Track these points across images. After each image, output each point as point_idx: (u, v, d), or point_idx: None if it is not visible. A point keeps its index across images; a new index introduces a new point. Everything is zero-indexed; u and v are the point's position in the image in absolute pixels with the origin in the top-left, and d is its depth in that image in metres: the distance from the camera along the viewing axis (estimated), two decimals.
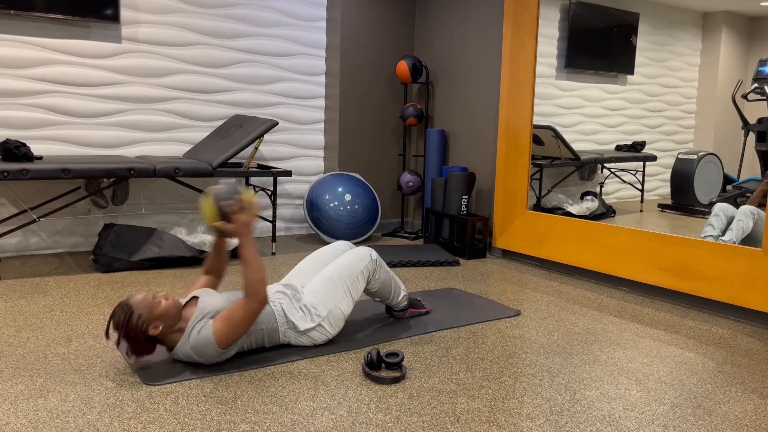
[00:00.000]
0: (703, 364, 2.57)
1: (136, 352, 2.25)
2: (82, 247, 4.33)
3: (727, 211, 3.30)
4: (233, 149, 4.06)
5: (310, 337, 2.56)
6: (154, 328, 2.22)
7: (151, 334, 2.22)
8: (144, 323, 2.20)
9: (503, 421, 2.01)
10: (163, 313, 2.24)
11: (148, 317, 2.21)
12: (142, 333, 2.21)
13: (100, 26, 4.24)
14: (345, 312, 2.61)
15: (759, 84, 3.23)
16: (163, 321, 2.24)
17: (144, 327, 2.21)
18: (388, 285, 2.81)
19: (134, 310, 2.20)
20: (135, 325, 2.19)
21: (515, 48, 4.28)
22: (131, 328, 2.19)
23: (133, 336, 2.20)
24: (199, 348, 2.27)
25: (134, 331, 2.20)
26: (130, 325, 2.19)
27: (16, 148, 3.56)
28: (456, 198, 4.55)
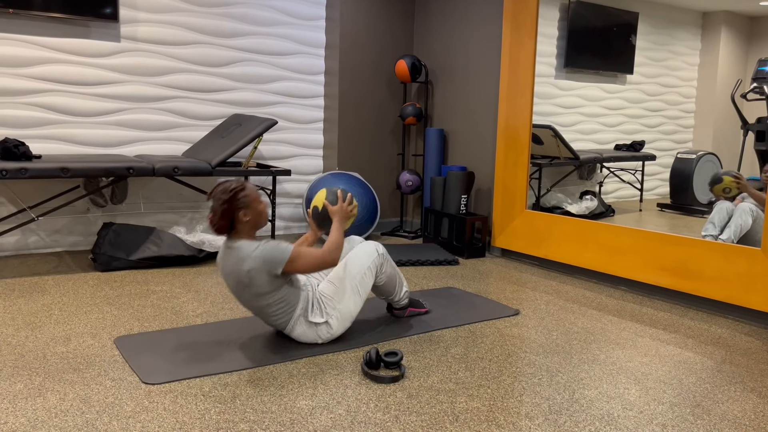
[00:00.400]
0: (702, 363, 2.58)
1: (215, 221, 2.43)
2: (80, 246, 4.33)
3: (729, 208, 3.30)
4: (232, 148, 4.06)
5: (317, 333, 2.57)
6: (244, 214, 2.44)
7: (239, 216, 2.43)
8: (243, 204, 2.43)
9: (502, 421, 2.01)
10: (260, 213, 2.49)
11: (249, 203, 2.44)
12: (235, 209, 2.42)
13: (99, 25, 4.24)
14: (354, 311, 2.64)
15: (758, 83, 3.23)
16: (254, 217, 2.46)
17: (240, 205, 2.42)
18: (394, 279, 2.85)
19: (245, 189, 2.45)
20: (236, 199, 2.42)
21: (514, 47, 4.27)
22: (232, 198, 2.41)
23: (227, 206, 2.41)
24: (271, 252, 2.41)
25: (232, 202, 2.42)
26: (234, 196, 2.41)
27: (15, 147, 3.56)
28: (455, 197, 4.55)
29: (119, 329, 2.76)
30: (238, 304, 3.18)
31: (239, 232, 2.48)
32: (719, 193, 3.14)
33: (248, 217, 2.45)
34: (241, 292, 2.49)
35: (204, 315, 3.00)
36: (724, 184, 3.07)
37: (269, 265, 2.41)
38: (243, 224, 2.46)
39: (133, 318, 2.92)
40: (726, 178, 3.09)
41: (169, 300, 3.22)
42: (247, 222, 2.46)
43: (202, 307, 3.11)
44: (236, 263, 2.43)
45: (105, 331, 2.73)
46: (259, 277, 2.42)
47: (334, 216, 2.66)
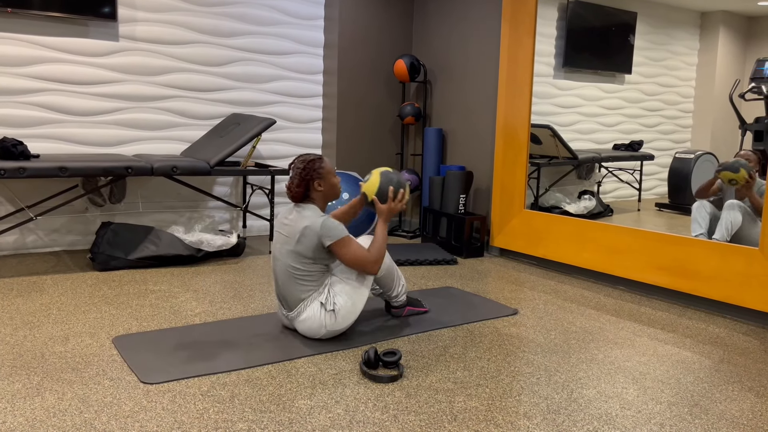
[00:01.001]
0: (700, 362, 2.58)
1: (292, 188, 2.60)
2: (79, 245, 4.33)
3: (706, 206, 3.30)
4: (231, 148, 4.05)
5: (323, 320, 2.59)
6: (319, 184, 2.62)
7: (314, 185, 2.61)
8: (318, 173, 2.61)
9: (500, 420, 2.01)
10: (333, 184, 2.66)
11: (325, 173, 2.62)
12: (311, 177, 2.60)
13: (98, 24, 4.24)
14: (359, 306, 2.66)
15: (756, 83, 3.24)
16: (327, 188, 2.63)
17: (316, 174, 2.60)
18: (392, 272, 2.89)
19: (323, 161, 2.63)
20: (314, 167, 2.60)
21: (513, 47, 4.28)
22: (311, 168, 2.60)
23: (305, 173, 2.59)
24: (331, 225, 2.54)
25: (310, 171, 2.60)
26: (313, 165, 2.61)
27: (14, 147, 3.55)
28: (454, 197, 4.56)
29: (117, 329, 2.76)
30: (237, 304, 3.18)
31: (312, 200, 2.64)
32: (725, 180, 3.11)
33: (322, 188, 2.62)
34: (286, 245, 2.59)
35: (202, 314, 3.00)
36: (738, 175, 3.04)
37: (323, 232, 2.53)
38: (317, 193, 2.63)
39: (132, 317, 2.92)
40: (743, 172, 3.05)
41: (168, 299, 3.21)
42: (320, 191, 2.63)
43: (200, 307, 3.11)
44: (298, 219, 2.59)
45: (103, 331, 2.72)
46: (310, 237, 2.54)
47: (380, 216, 2.70)
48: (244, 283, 3.55)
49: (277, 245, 2.67)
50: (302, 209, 2.62)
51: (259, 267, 3.95)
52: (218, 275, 3.72)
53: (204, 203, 4.75)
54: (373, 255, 2.61)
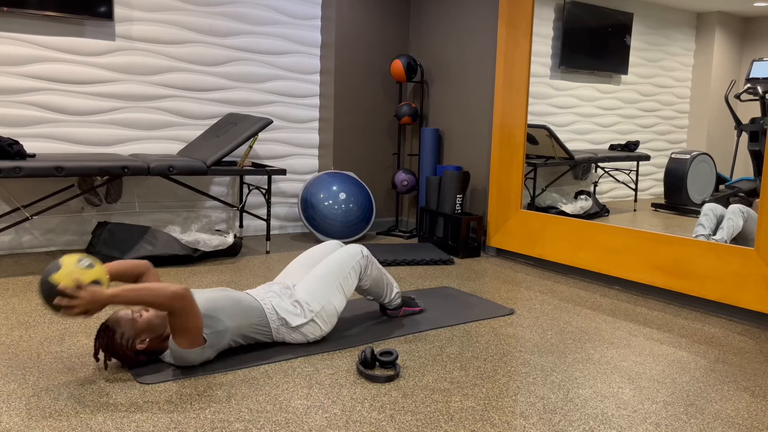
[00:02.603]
0: (696, 362, 2.59)
1: (131, 366, 2.29)
2: (75, 245, 4.32)
3: (716, 210, 3.31)
4: (227, 147, 4.05)
5: (303, 334, 2.56)
6: (141, 343, 2.23)
7: (138, 348, 2.23)
8: (129, 340, 2.21)
9: (497, 420, 2.02)
10: (146, 326, 2.24)
11: (132, 333, 2.22)
12: (129, 350, 2.23)
13: (94, 24, 4.23)
14: (338, 308, 2.62)
15: (752, 84, 3.25)
16: (148, 334, 2.25)
17: (130, 344, 2.22)
18: (380, 282, 2.83)
19: (116, 329, 2.20)
20: (121, 344, 2.21)
21: (510, 47, 4.28)
22: (117, 347, 2.21)
23: (122, 354, 2.23)
24: (179, 358, 2.26)
25: (121, 349, 2.21)
26: (116, 345, 2.20)
27: (9, 146, 3.54)
28: (450, 197, 4.56)
29: None
30: None
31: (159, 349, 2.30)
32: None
33: (146, 341, 2.23)
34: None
35: None
36: None
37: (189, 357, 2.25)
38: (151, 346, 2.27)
39: None
40: None
41: None
42: (150, 341, 2.25)
43: None
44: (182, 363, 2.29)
45: None
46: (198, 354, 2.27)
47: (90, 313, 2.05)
48: (240, 283, 3.55)
49: None
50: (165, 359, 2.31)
51: (255, 267, 3.95)
52: (215, 275, 3.71)
53: (200, 203, 4.74)
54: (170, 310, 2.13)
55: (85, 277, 2.03)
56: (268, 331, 2.51)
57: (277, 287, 2.60)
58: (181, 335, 2.22)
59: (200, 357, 2.31)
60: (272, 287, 2.60)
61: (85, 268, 2.05)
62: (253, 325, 2.46)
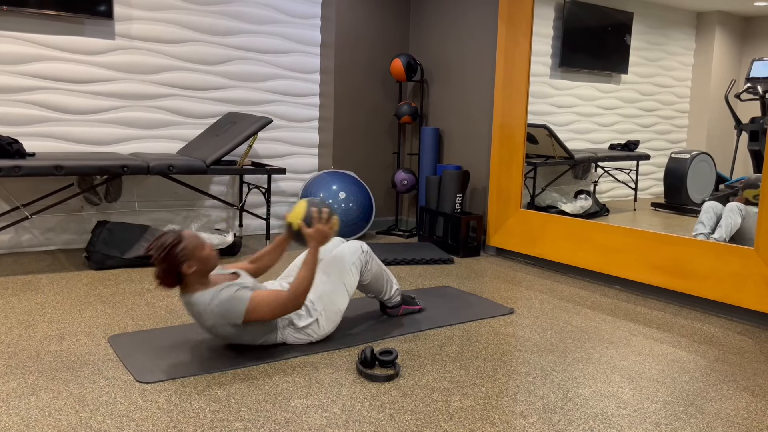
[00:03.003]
0: (695, 362, 2.59)
1: (162, 280, 2.31)
2: (74, 244, 4.32)
3: (716, 208, 3.32)
4: (227, 147, 4.05)
5: (308, 334, 2.56)
6: (188, 267, 2.29)
7: (183, 270, 2.28)
8: (183, 257, 2.27)
9: (496, 419, 2.02)
10: (204, 258, 2.32)
11: (190, 253, 2.28)
12: (177, 264, 2.28)
13: (94, 22, 4.22)
14: (341, 306, 2.62)
15: (752, 83, 3.25)
16: (199, 264, 2.31)
17: (181, 259, 2.27)
18: (380, 278, 2.83)
19: (182, 240, 2.29)
20: (175, 254, 2.27)
21: (510, 46, 4.28)
22: (171, 255, 2.27)
23: (167, 263, 2.27)
24: (227, 305, 2.31)
25: (172, 259, 2.27)
26: (171, 252, 2.27)
27: (9, 145, 3.54)
28: (450, 196, 4.56)
29: (113, 328, 2.76)
30: None
31: (189, 284, 2.35)
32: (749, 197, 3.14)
33: (194, 267, 2.30)
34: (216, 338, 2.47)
35: None
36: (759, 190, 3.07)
37: (229, 318, 2.33)
38: (190, 276, 2.32)
39: (128, 316, 2.91)
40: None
41: (164, 299, 3.21)
42: (194, 273, 2.31)
43: None
44: (198, 319, 2.36)
45: (99, 330, 2.72)
46: (223, 329, 2.37)
47: (310, 242, 2.47)
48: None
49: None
50: (192, 306, 2.35)
51: None
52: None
53: (200, 202, 4.74)
54: (292, 293, 2.37)
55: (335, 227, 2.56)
56: (274, 334, 2.52)
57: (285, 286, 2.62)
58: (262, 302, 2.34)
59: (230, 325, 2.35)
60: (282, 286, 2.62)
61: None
62: (263, 326, 2.47)
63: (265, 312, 2.36)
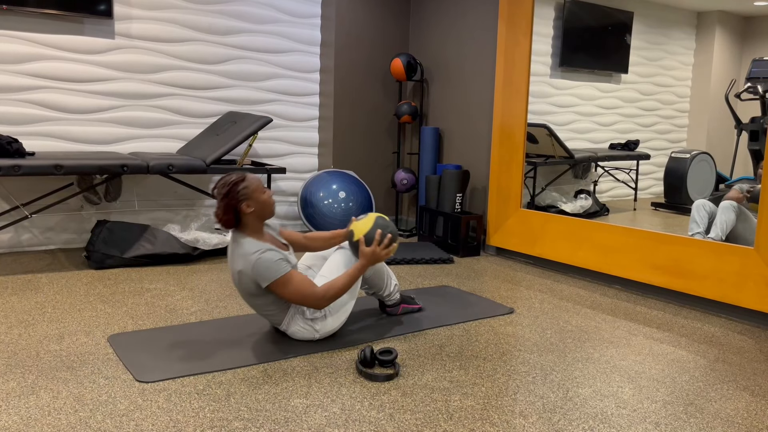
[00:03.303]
0: (695, 361, 2.59)
1: (221, 218, 2.44)
2: (74, 243, 4.31)
3: (707, 206, 3.32)
4: (227, 146, 4.05)
5: (313, 327, 2.57)
6: (247, 206, 2.43)
7: (242, 208, 2.42)
8: (244, 195, 2.42)
9: (496, 419, 2.02)
10: (263, 202, 2.46)
11: (251, 193, 2.43)
12: (237, 201, 2.41)
13: (93, 22, 4.22)
14: (348, 304, 2.64)
15: (752, 83, 3.24)
16: (257, 207, 2.44)
17: (242, 197, 2.42)
18: (381, 272, 2.86)
19: (246, 179, 2.44)
20: (237, 191, 2.41)
21: (510, 46, 4.28)
22: (234, 191, 2.41)
23: (229, 199, 2.41)
24: (264, 265, 2.38)
25: (234, 196, 2.41)
26: (234, 189, 2.41)
27: (8, 144, 3.54)
28: (450, 196, 4.56)
29: (113, 327, 2.76)
30: (232, 302, 3.17)
31: (245, 225, 2.48)
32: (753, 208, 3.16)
33: (252, 209, 2.44)
34: (235, 285, 2.53)
35: (198, 313, 2.99)
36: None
37: (257, 276, 2.41)
38: (247, 216, 2.46)
39: (127, 316, 2.91)
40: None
41: (164, 298, 3.21)
42: (251, 213, 2.45)
43: (196, 305, 3.10)
44: (235, 258, 2.46)
45: (99, 329, 2.72)
46: (246, 280, 2.45)
47: (362, 258, 2.57)
48: None
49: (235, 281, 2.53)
50: (238, 245, 2.45)
51: None
52: (214, 274, 3.71)
53: (200, 201, 4.74)
54: (323, 292, 2.44)
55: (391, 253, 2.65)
56: (281, 315, 2.54)
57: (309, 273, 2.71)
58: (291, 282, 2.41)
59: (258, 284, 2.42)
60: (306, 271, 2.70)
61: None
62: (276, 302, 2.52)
63: (289, 292, 2.42)
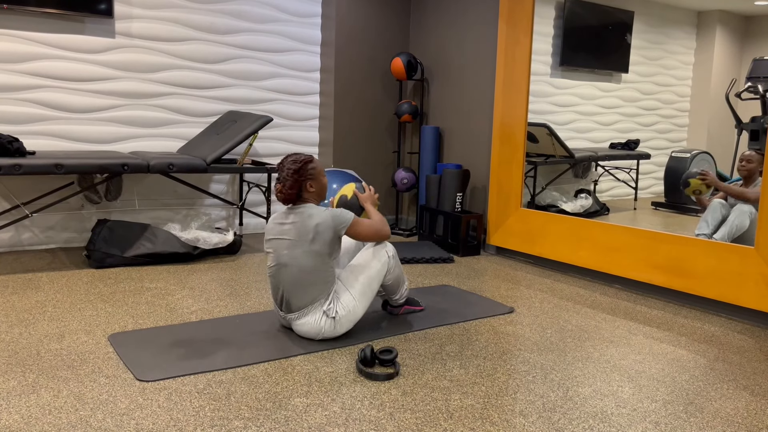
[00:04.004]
0: (695, 361, 2.59)
1: (284, 191, 2.57)
2: (75, 242, 4.32)
3: (724, 208, 3.31)
4: (228, 145, 4.05)
5: (322, 326, 2.58)
6: (311, 185, 2.60)
7: (306, 186, 2.59)
8: (311, 175, 2.59)
9: (496, 418, 2.02)
10: (323, 185, 2.64)
11: (317, 173, 2.60)
12: (303, 179, 2.58)
13: (94, 21, 4.22)
14: (360, 313, 2.66)
15: (752, 83, 3.24)
16: (318, 188, 2.61)
17: (309, 176, 2.58)
18: (399, 279, 2.89)
19: (313, 161, 2.61)
20: (305, 170, 2.58)
21: (510, 45, 4.28)
22: (301, 169, 2.57)
23: (296, 175, 2.56)
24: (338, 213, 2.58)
25: (303, 173, 2.57)
26: (305, 167, 2.58)
27: (9, 143, 3.54)
28: (450, 195, 4.56)
29: (113, 326, 2.76)
30: (233, 302, 3.17)
31: (305, 200, 2.62)
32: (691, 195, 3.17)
33: (314, 189, 2.60)
34: (298, 248, 2.55)
35: (199, 312, 2.99)
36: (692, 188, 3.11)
37: (336, 223, 2.56)
38: (309, 194, 2.61)
39: (128, 315, 2.91)
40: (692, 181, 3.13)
41: (164, 297, 3.21)
42: (312, 192, 2.61)
43: (196, 305, 3.10)
44: (303, 220, 2.56)
45: (99, 328, 2.72)
46: (325, 232, 2.55)
47: (365, 202, 2.86)
48: (240, 281, 3.55)
49: (283, 251, 2.58)
50: (302, 210, 2.59)
51: (255, 265, 3.95)
52: (214, 273, 3.71)
53: (200, 201, 4.74)
54: (379, 222, 2.73)
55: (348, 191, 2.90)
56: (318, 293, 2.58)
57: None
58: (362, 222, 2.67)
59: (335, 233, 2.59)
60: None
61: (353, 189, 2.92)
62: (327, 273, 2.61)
63: (365, 229, 2.66)
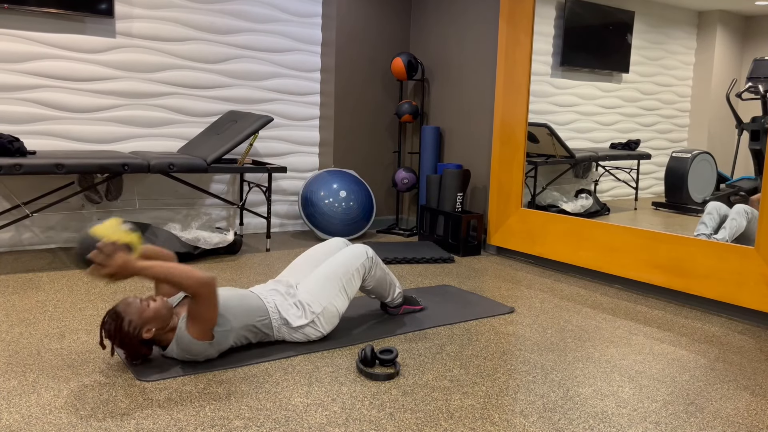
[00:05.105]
0: (696, 361, 2.59)
1: (134, 357, 2.28)
2: (75, 242, 4.32)
3: (720, 209, 3.31)
4: (228, 145, 4.05)
5: (304, 334, 2.56)
6: (147, 332, 2.22)
7: (144, 338, 2.22)
8: (136, 328, 2.20)
9: (497, 418, 2.02)
10: (154, 316, 2.23)
11: (140, 321, 2.20)
12: (135, 338, 2.21)
13: (94, 21, 4.22)
14: (339, 310, 2.61)
15: (753, 83, 3.24)
16: (155, 323, 2.23)
17: (137, 332, 2.20)
18: (384, 282, 2.82)
19: (124, 317, 2.19)
20: (127, 332, 2.19)
21: (511, 45, 4.28)
22: (124, 335, 2.19)
23: (127, 342, 2.21)
24: (185, 347, 2.28)
25: (127, 337, 2.20)
26: (123, 333, 2.19)
27: (9, 143, 3.54)
28: (451, 195, 4.56)
29: None
30: None
31: (162, 341, 2.31)
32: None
33: (152, 330, 2.22)
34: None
35: None
36: None
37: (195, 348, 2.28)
38: (156, 335, 2.27)
39: None
40: None
41: None
42: (156, 331, 2.25)
43: None
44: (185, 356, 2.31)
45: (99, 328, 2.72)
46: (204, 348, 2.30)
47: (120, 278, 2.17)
48: (240, 281, 3.55)
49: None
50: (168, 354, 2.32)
51: (255, 265, 3.95)
52: (215, 273, 3.71)
53: (201, 201, 4.74)
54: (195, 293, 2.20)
55: (123, 237, 2.14)
56: (270, 330, 2.51)
57: (281, 286, 2.60)
58: (195, 323, 2.24)
59: (204, 352, 2.31)
60: (277, 286, 2.60)
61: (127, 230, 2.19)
62: (257, 324, 2.46)
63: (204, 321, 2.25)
